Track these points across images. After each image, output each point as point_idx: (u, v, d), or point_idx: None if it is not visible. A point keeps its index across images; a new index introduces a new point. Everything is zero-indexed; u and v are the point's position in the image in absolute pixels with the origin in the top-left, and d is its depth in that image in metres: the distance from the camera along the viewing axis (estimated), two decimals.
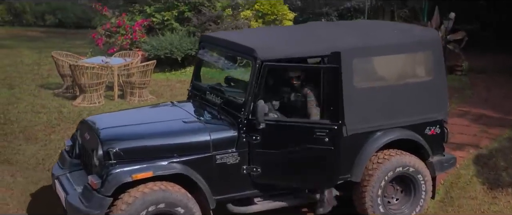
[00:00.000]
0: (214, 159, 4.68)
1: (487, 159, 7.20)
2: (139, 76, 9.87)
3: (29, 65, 12.91)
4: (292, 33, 5.64)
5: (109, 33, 12.63)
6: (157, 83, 11.14)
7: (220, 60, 5.58)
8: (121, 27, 12.48)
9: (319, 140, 4.65)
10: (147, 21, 12.62)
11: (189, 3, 12.38)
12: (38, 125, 8.20)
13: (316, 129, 4.67)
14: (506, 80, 11.70)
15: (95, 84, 9.46)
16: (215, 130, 4.78)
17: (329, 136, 4.65)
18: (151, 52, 11.78)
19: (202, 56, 5.63)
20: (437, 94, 5.33)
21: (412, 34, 5.37)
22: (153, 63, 10.03)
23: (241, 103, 4.79)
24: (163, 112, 5.44)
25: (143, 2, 12.92)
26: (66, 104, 9.43)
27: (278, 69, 4.97)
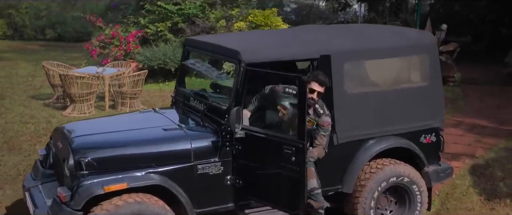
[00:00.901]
0: (196, 169, 4.18)
1: (484, 169, 6.73)
2: (131, 86, 9.41)
3: (23, 77, 12.46)
4: (280, 36, 5.18)
5: (103, 44, 12.18)
6: (150, 94, 10.69)
7: (204, 65, 5.10)
8: (115, 38, 12.04)
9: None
10: (141, 33, 12.20)
11: (183, 14, 11.97)
12: (24, 135, 7.71)
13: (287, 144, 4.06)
14: (498, 90, 11.31)
15: (85, 94, 9.00)
16: (197, 137, 4.29)
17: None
18: (145, 63, 11.37)
19: (186, 60, 5.16)
20: (432, 101, 4.85)
21: (406, 37, 4.90)
22: (144, 73, 9.58)
23: (225, 109, 4.30)
24: (143, 119, 4.94)
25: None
26: (55, 115, 8.94)
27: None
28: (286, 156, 3.96)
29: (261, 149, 4.16)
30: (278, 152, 4.00)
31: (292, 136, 4.01)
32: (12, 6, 20.66)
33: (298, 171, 3.93)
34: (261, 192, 4.26)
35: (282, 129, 4.22)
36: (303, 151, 3.88)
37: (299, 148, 3.89)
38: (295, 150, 3.91)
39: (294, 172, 3.95)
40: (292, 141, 3.96)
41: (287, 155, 3.95)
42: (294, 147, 3.92)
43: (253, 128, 4.22)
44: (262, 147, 4.15)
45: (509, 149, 7.51)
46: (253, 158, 4.20)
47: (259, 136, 4.15)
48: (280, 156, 3.99)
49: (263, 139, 4.12)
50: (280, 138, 4.06)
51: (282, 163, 4.00)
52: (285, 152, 3.95)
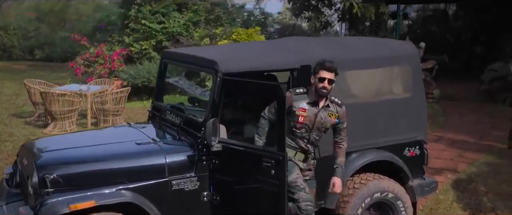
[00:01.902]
0: (170, 184, 3.80)
1: (466, 183, 6.43)
2: (113, 103, 9.00)
3: (7, 96, 11.99)
4: (259, 46, 4.85)
5: (87, 63, 11.77)
6: (134, 111, 10.27)
7: (182, 77, 4.74)
8: (99, 56, 11.65)
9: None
10: (125, 51, 11.83)
11: (167, 33, 11.64)
12: (1, 153, 7.23)
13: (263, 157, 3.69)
14: (476, 106, 11.10)
15: (67, 111, 8.57)
16: (172, 152, 3.91)
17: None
18: (129, 80, 10.99)
19: (164, 73, 4.80)
20: (416, 113, 4.53)
21: (388, 47, 4.59)
22: (127, 90, 9.18)
23: (201, 121, 3.93)
24: (116, 134, 4.55)
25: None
26: (36, 133, 8.48)
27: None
28: (266, 169, 3.59)
29: (239, 162, 3.79)
30: (257, 165, 3.63)
31: (271, 147, 3.65)
32: (1, 27, 20.20)
33: (278, 185, 3.56)
34: (240, 208, 3.86)
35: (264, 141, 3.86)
36: (284, 163, 3.52)
37: (279, 160, 3.53)
38: (274, 163, 3.55)
39: (274, 186, 3.58)
40: (272, 153, 3.59)
41: (267, 168, 3.58)
42: (274, 160, 3.56)
43: (230, 140, 3.86)
44: (240, 160, 3.79)
45: (491, 163, 7.24)
46: (231, 173, 3.83)
47: (237, 148, 3.78)
48: (259, 169, 3.62)
49: (241, 151, 3.76)
50: (259, 150, 3.70)
51: (261, 177, 3.63)
52: (264, 165, 3.58)
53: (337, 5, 12.24)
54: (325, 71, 3.76)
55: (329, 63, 3.76)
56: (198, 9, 11.77)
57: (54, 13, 22.43)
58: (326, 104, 3.87)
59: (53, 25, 21.55)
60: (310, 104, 3.84)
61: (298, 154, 3.92)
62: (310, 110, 3.83)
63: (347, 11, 11.37)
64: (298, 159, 3.92)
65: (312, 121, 3.84)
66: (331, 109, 3.89)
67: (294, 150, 3.89)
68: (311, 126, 3.85)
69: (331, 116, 3.89)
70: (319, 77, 3.77)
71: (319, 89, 3.79)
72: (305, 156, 3.95)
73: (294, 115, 3.82)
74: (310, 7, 12.23)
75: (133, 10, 11.86)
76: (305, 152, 3.94)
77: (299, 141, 3.89)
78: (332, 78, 3.78)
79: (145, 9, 11.72)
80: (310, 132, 3.86)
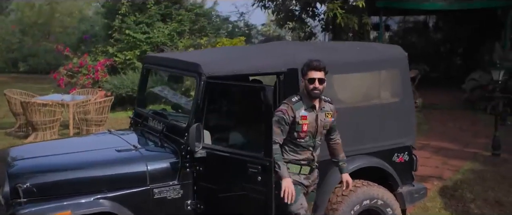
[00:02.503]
0: (152, 193, 3.55)
1: (453, 190, 6.26)
2: (96, 113, 8.71)
3: None
4: (245, 50, 4.65)
5: (71, 73, 11.45)
6: (118, 121, 9.96)
7: (166, 87, 4.51)
8: (83, 67, 11.34)
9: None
10: (109, 61, 11.54)
11: (152, 43, 11.40)
12: None
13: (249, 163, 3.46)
14: (459, 114, 11.04)
15: (48, 121, 8.25)
16: (154, 159, 3.67)
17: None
18: (113, 91, 10.70)
19: (146, 79, 4.56)
20: (404, 118, 4.36)
21: (376, 51, 4.42)
22: (110, 99, 8.90)
23: (184, 127, 3.70)
24: (95, 141, 4.28)
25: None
26: (16, 143, 8.08)
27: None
28: (252, 176, 3.36)
29: (224, 169, 3.56)
30: (243, 171, 3.40)
31: (258, 153, 3.42)
32: None
33: (264, 193, 3.33)
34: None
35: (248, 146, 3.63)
36: (271, 169, 3.29)
37: (265, 166, 3.31)
38: (261, 169, 3.32)
39: (260, 193, 3.35)
40: (258, 159, 3.36)
41: (253, 174, 3.35)
42: (260, 165, 3.33)
43: (214, 146, 3.63)
44: (225, 166, 3.55)
45: (476, 171, 7.10)
46: (216, 180, 3.59)
47: (222, 154, 3.55)
48: (245, 176, 3.39)
49: (226, 157, 3.53)
50: (245, 156, 3.47)
51: (247, 184, 3.40)
52: (251, 171, 3.35)
53: (320, 16, 12.15)
54: (313, 71, 3.49)
55: (317, 62, 3.50)
56: (182, 20, 11.56)
57: (38, 25, 22.06)
58: (322, 106, 3.64)
59: (38, 37, 21.15)
60: (309, 110, 3.56)
61: (303, 168, 3.61)
62: (310, 115, 3.56)
63: (330, 21, 11.26)
64: (304, 173, 3.61)
65: (314, 126, 3.58)
66: (327, 109, 3.67)
67: (298, 165, 3.59)
68: (314, 132, 3.59)
69: (328, 116, 3.66)
70: (309, 79, 3.51)
71: (311, 91, 3.52)
72: (311, 168, 3.65)
73: (297, 125, 3.52)
74: (294, 18, 12.13)
75: (117, 21, 11.60)
76: (311, 162, 3.64)
77: (305, 151, 3.60)
78: (322, 78, 3.52)
79: (129, 19, 11.48)
80: (315, 138, 3.62)
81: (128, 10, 11.46)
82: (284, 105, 3.52)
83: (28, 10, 22.61)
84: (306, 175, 3.64)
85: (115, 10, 11.72)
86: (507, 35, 12.80)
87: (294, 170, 3.56)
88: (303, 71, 3.57)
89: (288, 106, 3.51)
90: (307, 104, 3.56)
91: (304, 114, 3.54)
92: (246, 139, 3.84)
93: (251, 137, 3.85)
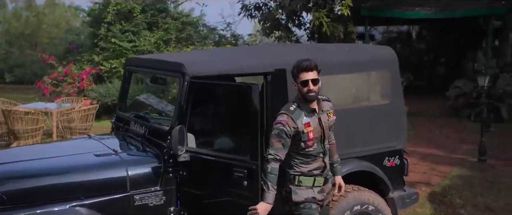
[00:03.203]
0: (132, 199, 3.30)
1: (442, 196, 6.08)
2: (80, 121, 8.40)
3: None
4: (231, 51, 4.43)
5: (56, 82, 11.12)
6: (103, 130, 9.61)
7: (151, 94, 4.27)
8: (68, 75, 11.02)
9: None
10: (95, 70, 11.23)
11: (138, 51, 11.13)
12: None
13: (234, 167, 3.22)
14: (444, 122, 10.93)
15: (31, 130, 7.92)
16: (134, 163, 3.41)
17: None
18: (99, 99, 10.39)
19: (129, 81, 4.31)
20: (395, 120, 4.15)
21: (365, 51, 4.23)
22: (95, 107, 8.61)
23: (167, 130, 3.45)
24: (73, 146, 4.03)
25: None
26: None
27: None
28: (237, 181, 3.11)
29: (209, 173, 3.31)
30: (228, 176, 3.16)
31: (244, 156, 3.18)
32: None
33: (251, 198, 3.08)
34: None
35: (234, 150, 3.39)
36: (257, 173, 3.05)
37: (252, 169, 3.07)
38: (247, 173, 3.08)
39: (246, 199, 3.10)
40: (244, 163, 3.12)
41: (239, 179, 3.10)
42: (246, 169, 3.08)
43: (199, 149, 3.38)
44: (209, 171, 3.30)
45: (464, 176, 6.94)
46: (200, 185, 3.35)
47: (206, 158, 3.30)
48: (230, 180, 3.15)
49: (210, 161, 3.28)
50: (230, 159, 3.22)
51: (233, 189, 3.15)
52: (236, 175, 3.11)
53: (306, 25, 12.01)
54: (304, 72, 3.13)
55: (306, 62, 3.15)
56: (169, 28, 11.31)
57: (25, 36, 21.65)
58: (322, 106, 3.29)
59: (24, 48, 20.73)
60: (310, 115, 3.20)
61: (317, 180, 3.23)
62: (313, 121, 3.20)
63: (316, 30, 11.12)
64: (318, 185, 3.23)
65: (320, 131, 3.23)
66: (327, 108, 3.34)
67: (311, 177, 3.21)
68: (321, 136, 3.23)
69: (330, 115, 3.34)
70: (301, 82, 3.15)
71: (306, 95, 3.14)
72: (325, 178, 3.28)
73: (302, 134, 3.15)
74: (280, 26, 11.97)
75: (103, 29, 11.32)
76: (323, 171, 3.27)
77: (316, 160, 3.23)
78: (316, 78, 3.16)
79: (115, 28, 11.21)
80: (323, 143, 3.26)
81: (114, 19, 11.19)
82: (282, 117, 3.11)
83: (14, 21, 22.21)
84: (320, 187, 3.25)
85: (100, 18, 11.44)
86: (488, 44, 12.80)
87: (307, 183, 3.19)
88: (294, 74, 3.20)
89: (288, 116, 3.11)
90: (307, 110, 3.18)
91: (306, 121, 3.16)
92: (232, 141, 3.61)
93: (237, 140, 3.61)
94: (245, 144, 3.22)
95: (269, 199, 2.95)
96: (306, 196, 3.16)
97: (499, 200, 5.91)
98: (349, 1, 10.42)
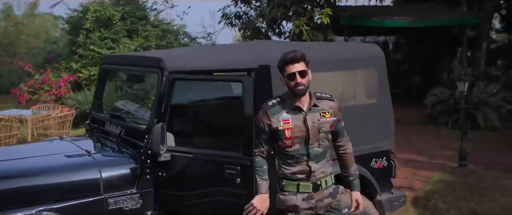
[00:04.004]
0: (106, 203, 3.00)
1: (426, 201, 5.91)
2: (57, 128, 8.00)
3: None
4: (214, 48, 4.17)
5: (32, 90, 10.66)
6: None
7: (129, 101, 3.99)
8: (45, 83, 10.57)
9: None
10: (73, 77, 10.80)
11: None
12: None
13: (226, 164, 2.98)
14: (421, 128, 10.84)
15: (4, 137, 7.47)
16: (109, 165, 3.11)
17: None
18: (77, 107, 9.97)
19: (104, 81, 4.01)
20: (382, 120, 3.96)
21: (351, 49, 4.00)
22: (72, 114, 8.22)
23: (144, 128, 3.16)
24: (42, 147, 3.69)
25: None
26: None
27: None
28: (229, 179, 2.85)
29: (194, 173, 3.04)
30: (218, 174, 2.90)
31: (235, 153, 2.91)
32: None
33: (245, 196, 2.82)
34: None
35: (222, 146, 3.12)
36: (252, 170, 2.79)
37: (245, 166, 2.82)
38: (240, 170, 2.83)
39: (240, 197, 2.84)
40: (237, 159, 2.87)
41: (231, 177, 2.84)
42: (239, 166, 2.84)
43: (182, 148, 3.10)
44: (195, 170, 3.02)
45: (445, 181, 6.79)
46: (183, 186, 3.05)
47: (191, 156, 3.02)
48: (221, 179, 2.89)
49: (196, 160, 3.00)
50: (220, 157, 2.95)
51: (223, 188, 2.88)
52: (228, 172, 2.85)
53: (286, 33, 11.87)
54: (290, 65, 2.81)
55: (291, 53, 2.82)
56: (149, 35, 10.99)
57: (3, 46, 21.00)
58: (313, 104, 2.89)
59: (2, 57, 20.07)
60: (292, 112, 2.86)
61: (302, 185, 2.86)
62: (294, 118, 2.85)
63: (296, 39, 10.96)
64: (304, 191, 2.85)
65: (303, 130, 2.84)
66: (323, 107, 2.92)
67: (294, 182, 2.86)
68: (305, 137, 2.85)
69: (325, 115, 2.90)
70: (288, 75, 2.83)
71: (294, 89, 2.82)
72: (313, 184, 2.87)
73: (278, 131, 2.82)
74: (261, 35, 11.80)
75: (82, 36, 10.93)
76: (310, 175, 2.86)
77: (299, 163, 2.86)
78: (303, 69, 2.82)
79: (94, 35, 10.83)
80: (308, 145, 2.86)
81: (92, 26, 10.82)
82: (259, 112, 2.89)
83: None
84: (307, 193, 2.85)
85: (79, 25, 11.06)
86: (464, 54, 12.84)
87: (291, 188, 2.85)
88: (280, 68, 2.88)
89: (263, 111, 2.86)
90: (290, 106, 2.87)
91: (285, 118, 2.84)
92: (220, 138, 3.34)
93: (226, 136, 3.33)
94: (236, 139, 2.94)
95: (262, 189, 2.73)
96: (287, 204, 2.83)
97: (483, 204, 5.76)
98: (329, 9, 10.33)
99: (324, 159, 2.90)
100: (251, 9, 12.13)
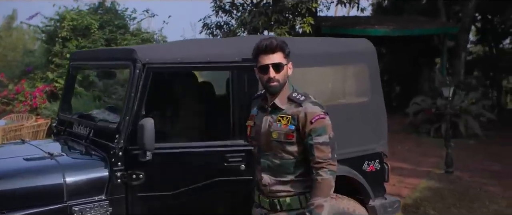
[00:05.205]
0: (70, 211, 2.59)
1: (415, 208, 5.65)
2: (30, 138, 7.50)
3: None
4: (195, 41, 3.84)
5: (6, 100, 10.10)
6: None
7: (105, 109, 3.62)
8: (20, 93, 10.04)
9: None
10: (49, 87, 10.29)
11: None
12: None
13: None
14: (404, 137, 10.64)
15: None
16: (73, 168, 2.72)
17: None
18: (52, 117, 9.45)
19: (73, 80, 3.62)
20: (374, 120, 3.63)
21: (340, 43, 3.68)
22: (46, 123, 7.77)
23: (115, 128, 2.78)
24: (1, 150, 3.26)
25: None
26: None
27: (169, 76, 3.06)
28: (233, 167, 2.67)
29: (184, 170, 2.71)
30: (219, 165, 2.72)
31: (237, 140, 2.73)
32: None
33: (249, 182, 2.61)
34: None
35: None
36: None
37: (250, 151, 2.59)
38: (245, 156, 2.67)
39: (245, 184, 2.67)
40: (241, 146, 2.70)
41: (234, 165, 2.67)
42: (244, 152, 2.67)
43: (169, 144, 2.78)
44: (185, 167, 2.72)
45: (433, 188, 6.55)
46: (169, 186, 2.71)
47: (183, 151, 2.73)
48: (222, 169, 2.70)
49: (189, 154, 2.72)
50: (220, 147, 2.74)
51: (227, 178, 2.72)
52: (231, 161, 2.67)
53: None
54: (264, 55, 2.34)
55: (266, 41, 2.35)
56: (128, 44, 10.57)
57: None
58: (274, 105, 2.39)
59: None
60: (261, 109, 2.46)
61: (261, 199, 2.43)
62: (258, 117, 2.45)
63: None
64: (263, 206, 2.43)
65: (259, 133, 2.41)
66: (285, 111, 2.38)
67: (257, 192, 2.47)
68: (257, 141, 2.43)
69: (281, 121, 2.34)
70: (260, 67, 2.36)
71: (266, 85, 2.37)
72: (270, 200, 2.38)
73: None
74: None
75: (58, 45, 10.45)
76: (262, 189, 2.40)
77: (257, 170, 2.44)
78: (279, 62, 2.34)
79: (71, 44, 10.36)
80: (261, 152, 2.41)
81: (69, 34, 10.36)
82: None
83: None
84: (266, 210, 2.41)
85: (55, 34, 10.58)
86: (444, 63, 12.78)
87: (255, 199, 2.49)
88: (253, 58, 2.43)
89: (252, 101, 2.61)
90: (259, 103, 2.50)
91: (253, 113, 2.51)
92: (218, 127, 3.03)
93: (224, 124, 2.97)
94: (238, 127, 2.73)
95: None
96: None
97: (474, 211, 5.53)
98: (311, 18, 10.11)
99: (286, 174, 2.36)
100: (232, 18, 11.84)
